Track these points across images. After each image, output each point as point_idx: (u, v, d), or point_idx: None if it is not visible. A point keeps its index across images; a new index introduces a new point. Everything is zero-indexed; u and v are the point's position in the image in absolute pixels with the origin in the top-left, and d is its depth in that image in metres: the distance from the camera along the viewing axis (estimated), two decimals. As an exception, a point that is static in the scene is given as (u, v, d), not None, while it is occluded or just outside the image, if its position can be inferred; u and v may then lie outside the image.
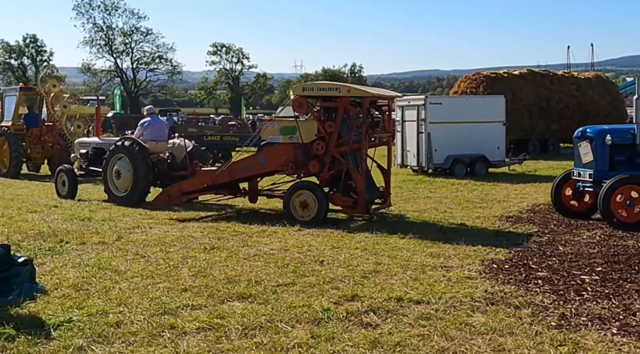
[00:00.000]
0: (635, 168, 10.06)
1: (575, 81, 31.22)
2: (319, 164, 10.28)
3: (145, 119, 13.42)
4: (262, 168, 10.89)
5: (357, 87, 10.72)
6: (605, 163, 10.08)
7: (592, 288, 6.13)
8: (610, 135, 10.07)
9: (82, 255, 7.69)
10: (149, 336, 4.88)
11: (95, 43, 76.28)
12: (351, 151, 10.42)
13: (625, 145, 10.16)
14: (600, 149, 10.09)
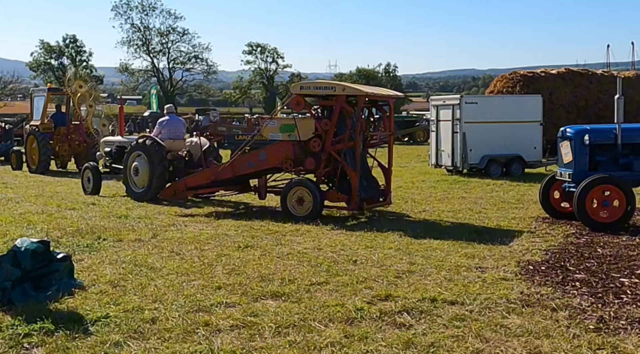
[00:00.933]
0: (617, 168, 9.90)
1: (614, 80, 30.60)
2: (314, 161, 10.50)
3: (164, 118, 13.82)
4: (263, 164, 11.10)
5: (353, 86, 10.91)
6: (585, 163, 9.91)
7: (632, 290, 5.99)
8: (589, 135, 9.91)
9: (119, 252, 7.81)
10: (183, 332, 4.93)
11: (133, 43, 77.36)
12: (352, 149, 10.51)
13: (606, 145, 10.00)
14: (580, 149, 9.93)
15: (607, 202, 9.37)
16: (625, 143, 9.95)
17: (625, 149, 9.96)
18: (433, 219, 10.48)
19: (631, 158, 9.96)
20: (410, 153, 29.23)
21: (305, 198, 10.39)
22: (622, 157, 9.97)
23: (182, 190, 11.81)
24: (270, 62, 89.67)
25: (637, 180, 10.05)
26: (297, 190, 10.50)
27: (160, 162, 12.78)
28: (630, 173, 9.92)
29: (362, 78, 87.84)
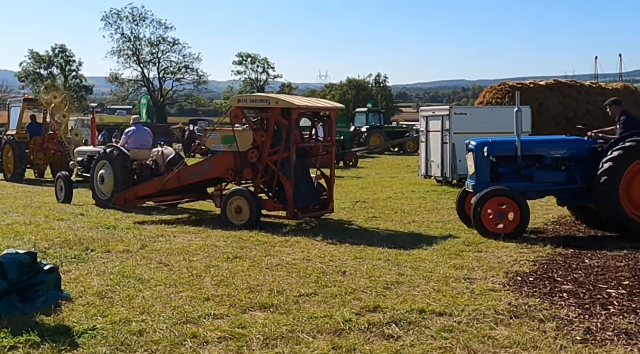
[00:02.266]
0: (519, 180, 10.09)
1: (602, 92, 30.84)
2: (252, 172, 10.96)
3: (130, 128, 14.43)
4: (207, 174, 11.54)
5: (286, 98, 11.38)
6: (486, 175, 10.12)
7: (619, 302, 6.03)
8: (487, 147, 10.12)
9: (107, 263, 7.77)
10: (170, 344, 4.91)
11: (123, 53, 77.31)
12: (297, 159, 10.93)
13: (507, 157, 10.18)
14: (480, 161, 10.17)
15: (502, 214, 9.62)
16: (525, 155, 10.13)
17: (525, 161, 10.15)
18: (422, 229, 10.50)
19: (532, 170, 10.15)
20: (400, 163, 29.32)
21: (243, 207, 10.73)
22: (524, 168, 10.15)
23: (132, 199, 12.29)
24: (260, 72, 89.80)
25: (540, 191, 10.27)
26: (235, 199, 10.83)
27: (124, 171, 13.32)
28: (532, 184, 10.14)
29: (352, 88, 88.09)
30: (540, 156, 10.20)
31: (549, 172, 10.16)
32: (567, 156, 10.12)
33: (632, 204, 9.47)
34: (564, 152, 10.13)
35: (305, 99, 12.67)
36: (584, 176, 9.81)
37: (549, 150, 10.20)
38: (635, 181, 9.45)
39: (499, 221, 9.66)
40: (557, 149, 10.18)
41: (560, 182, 10.10)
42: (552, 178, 10.13)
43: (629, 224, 9.44)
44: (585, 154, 10.01)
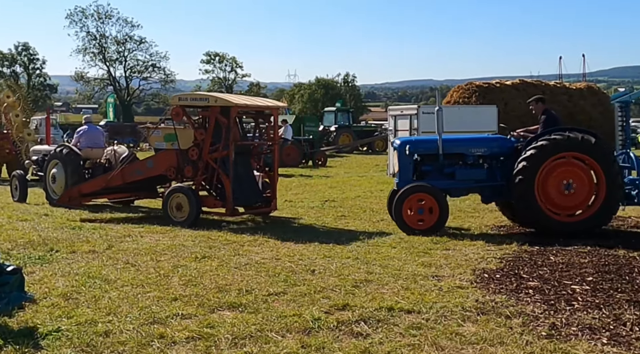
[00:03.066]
0: (442, 178, 10.33)
1: (567, 92, 31.41)
2: (193, 169, 11.13)
3: (82, 127, 14.55)
4: (150, 172, 11.80)
5: (225, 97, 11.52)
6: (409, 173, 10.35)
7: (583, 297, 6.13)
8: (409, 146, 10.35)
9: (72, 264, 7.64)
10: (137, 345, 4.85)
11: (89, 51, 76.15)
12: (238, 157, 11.20)
13: (430, 155, 10.42)
14: (403, 160, 10.39)
15: (422, 210, 9.85)
16: (447, 153, 10.35)
17: (447, 159, 10.38)
18: (391, 228, 10.53)
19: (455, 168, 10.36)
20: (368, 163, 29.45)
21: (183, 204, 10.87)
22: (447, 167, 10.37)
23: (77, 196, 12.52)
24: (228, 72, 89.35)
25: (462, 189, 10.50)
26: (176, 196, 10.98)
27: (75, 170, 13.40)
28: (455, 182, 10.36)
29: (321, 88, 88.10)
30: (462, 154, 10.42)
31: (471, 170, 10.38)
32: (488, 154, 10.37)
33: (548, 201, 9.67)
34: (485, 151, 10.37)
35: (246, 98, 12.91)
36: (505, 173, 9.98)
37: (470, 148, 10.42)
38: (550, 179, 9.65)
39: (419, 217, 9.87)
40: (478, 148, 10.41)
41: (482, 180, 10.33)
42: (473, 176, 10.36)
43: (545, 221, 9.64)
44: (507, 152, 10.22)
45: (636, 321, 5.35)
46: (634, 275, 6.98)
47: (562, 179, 9.65)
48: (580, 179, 9.65)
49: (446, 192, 10.33)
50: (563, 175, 9.66)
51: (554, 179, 9.65)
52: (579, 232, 9.29)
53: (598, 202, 9.60)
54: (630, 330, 5.13)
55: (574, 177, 9.65)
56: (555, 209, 9.69)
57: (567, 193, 9.64)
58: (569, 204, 9.70)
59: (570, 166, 9.69)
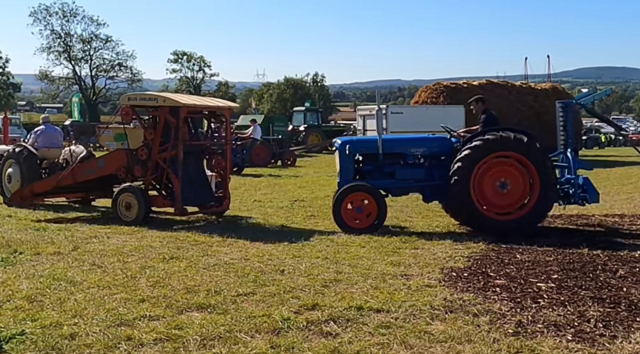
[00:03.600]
0: (383, 177, 10.51)
1: (532, 92, 31.90)
2: (142, 169, 11.20)
3: (39, 127, 14.60)
4: (101, 171, 11.85)
5: (173, 97, 11.54)
6: (349, 173, 10.51)
7: (548, 295, 6.22)
8: (349, 146, 10.52)
9: (37, 266, 7.50)
10: (104, 348, 4.78)
11: (53, 50, 74.84)
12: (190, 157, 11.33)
13: (370, 155, 10.60)
14: (344, 159, 10.56)
15: (361, 209, 10.00)
16: (387, 153, 10.52)
17: (387, 159, 10.54)
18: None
19: (395, 167, 10.53)
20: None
21: (132, 204, 10.95)
22: (387, 166, 10.53)
23: (29, 196, 12.43)
24: (196, 71, 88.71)
25: (403, 188, 10.69)
26: (125, 196, 11.05)
27: (31, 170, 13.48)
28: (395, 181, 10.53)
29: (290, 87, 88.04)
30: (402, 154, 10.58)
31: (411, 169, 10.55)
32: (428, 154, 10.55)
33: (484, 200, 9.86)
34: (425, 151, 10.55)
35: (196, 98, 12.99)
36: (445, 173, 10.09)
37: (410, 148, 10.60)
38: (485, 178, 9.83)
39: (357, 215, 10.00)
40: (418, 148, 10.58)
41: (421, 179, 10.49)
42: (413, 176, 10.52)
43: (481, 220, 9.82)
44: (447, 152, 10.38)
45: (600, 317, 5.45)
46: (598, 272, 7.12)
47: (497, 178, 9.83)
48: (515, 178, 9.84)
49: (387, 191, 10.52)
50: (498, 174, 9.85)
51: (489, 178, 9.84)
52: (514, 231, 9.45)
53: (532, 201, 9.78)
54: (594, 327, 5.23)
55: (509, 176, 9.84)
56: (491, 208, 9.87)
57: (502, 192, 9.83)
58: (505, 203, 9.87)
59: (505, 166, 9.88)
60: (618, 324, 5.28)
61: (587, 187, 10.28)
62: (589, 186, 10.29)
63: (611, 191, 16.99)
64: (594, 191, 10.26)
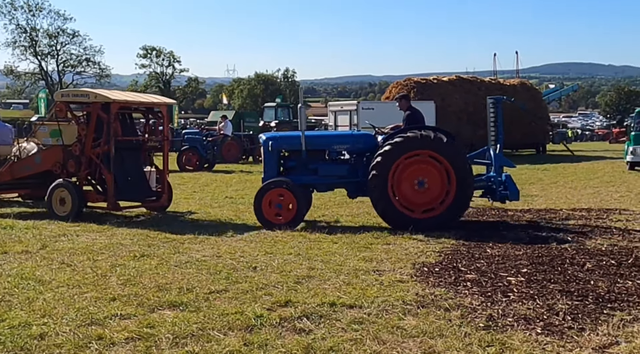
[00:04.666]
0: (306, 173, 10.68)
1: (501, 88, 32.23)
2: (76, 164, 11.36)
3: None
4: (38, 167, 11.98)
5: (104, 93, 11.77)
6: (273, 168, 10.69)
7: (518, 289, 6.31)
8: (272, 142, 10.70)
9: (4, 265, 7.37)
10: (75, 347, 4.72)
11: (18, 45, 73.42)
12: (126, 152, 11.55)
13: (294, 151, 10.78)
14: (268, 155, 10.75)
15: (280, 204, 10.14)
16: (310, 149, 10.67)
17: (311, 155, 10.69)
18: (332, 223, 10.61)
19: (318, 164, 10.70)
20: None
21: (66, 199, 11.09)
22: (310, 163, 10.68)
23: None
24: (166, 66, 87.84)
25: (328, 184, 10.85)
26: (59, 191, 11.16)
27: None
28: (318, 178, 10.70)
29: (260, 83, 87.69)
30: (325, 150, 10.72)
31: (334, 166, 10.70)
32: (351, 150, 10.69)
33: (402, 197, 10.01)
34: (348, 147, 10.70)
35: (130, 94, 13.20)
36: (367, 170, 10.20)
37: (332, 145, 10.75)
38: (404, 176, 9.99)
39: (277, 211, 10.11)
40: (341, 144, 10.75)
41: (344, 176, 10.65)
42: (336, 172, 10.68)
43: (399, 217, 9.94)
44: (371, 149, 10.46)
45: (568, 310, 5.55)
46: (566, 266, 7.23)
47: (415, 176, 9.97)
48: (433, 176, 9.98)
49: (312, 187, 10.70)
50: (416, 172, 9.99)
51: (407, 176, 9.98)
52: (431, 228, 9.56)
53: (450, 199, 9.92)
54: (563, 319, 5.32)
55: (427, 174, 9.98)
56: (410, 206, 10.00)
57: (420, 190, 9.97)
58: (423, 201, 10.00)
59: (424, 164, 10.03)
60: (586, 317, 5.38)
61: (509, 184, 10.48)
62: (510, 183, 10.49)
63: (578, 185, 17.29)
64: (514, 189, 10.44)
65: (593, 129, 66.21)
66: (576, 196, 14.67)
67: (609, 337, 4.89)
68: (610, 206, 12.70)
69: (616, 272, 6.94)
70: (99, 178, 11.46)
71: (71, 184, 11.20)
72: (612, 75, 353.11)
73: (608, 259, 7.53)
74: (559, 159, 28.73)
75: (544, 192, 15.68)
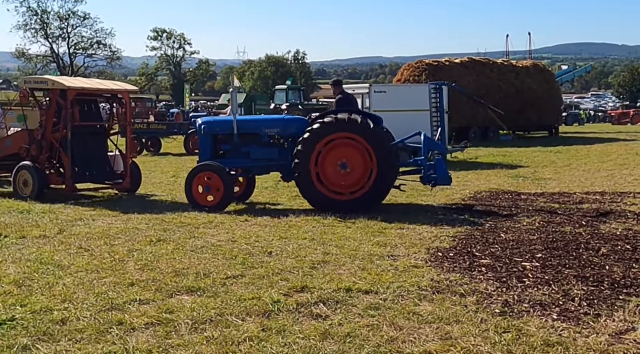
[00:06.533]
0: (239, 156, 10.91)
1: (513, 69, 31.98)
2: (37, 148, 11.86)
3: None
4: (8, 150, 12.52)
5: (61, 80, 12.11)
6: (207, 152, 10.95)
7: (533, 274, 6.32)
8: (205, 126, 10.98)
9: (23, 250, 7.47)
10: (96, 332, 4.79)
11: (30, 27, 73.60)
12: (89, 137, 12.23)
13: (226, 135, 10.99)
14: (202, 140, 11.07)
15: (209, 187, 10.41)
16: (243, 133, 10.87)
17: (243, 139, 10.90)
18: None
19: (250, 147, 10.91)
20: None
21: (29, 181, 11.65)
22: (243, 146, 10.90)
23: None
24: (177, 48, 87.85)
25: (260, 167, 11.05)
26: (22, 174, 11.74)
27: None
28: (251, 161, 10.91)
29: (271, 65, 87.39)
30: (256, 134, 10.93)
31: (265, 149, 10.92)
32: (283, 134, 10.88)
33: (328, 181, 10.16)
34: (279, 131, 10.91)
35: (87, 81, 13.71)
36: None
37: (264, 129, 10.96)
38: (327, 160, 10.13)
39: (207, 194, 10.41)
40: (272, 128, 10.96)
41: (275, 159, 10.85)
42: (267, 155, 10.91)
43: (323, 199, 10.11)
44: (302, 133, 10.51)
45: (584, 296, 5.56)
46: (581, 251, 7.23)
47: (337, 159, 10.12)
48: (355, 157, 10.12)
49: (247, 170, 10.99)
50: (338, 155, 10.13)
51: (330, 160, 10.13)
52: (356, 210, 9.72)
53: (372, 181, 10.05)
54: (579, 305, 5.33)
55: (348, 156, 10.13)
56: (334, 188, 10.15)
57: (344, 172, 10.11)
58: (348, 183, 10.15)
59: (344, 147, 10.16)
60: (602, 303, 5.39)
61: (439, 168, 10.48)
62: (440, 167, 10.49)
63: (591, 168, 17.19)
64: (443, 173, 10.44)
65: (606, 110, 65.57)
66: (590, 179, 14.60)
67: (625, 323, 4.90)
68: (625, 189, 12.63)
69: (631, 257, 6.94)
70: (59, 161, 11.98)
71: (32, 167, 11.70)
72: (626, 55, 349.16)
73: (623, 244, 7.53)
74: (571, 141, 28.55)
75: (557, 175, 15.62)
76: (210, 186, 10.40)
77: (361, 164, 10.10)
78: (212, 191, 10.39)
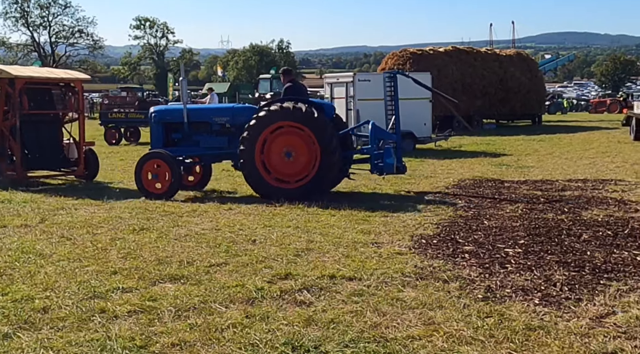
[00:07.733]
0: (189, 145, 11.07)
1: (497, 58, 32.09)
2: None
3: None
4: None
5: (8, 69, 12.46)
6: (158, 140, 11.10)
7: (516, 260, 6.37)
8: (156, 114, 11.15)
9: (4, 239, 7.40)
10: (78, 321, 4.76)
11: (10, 16, 72.65)
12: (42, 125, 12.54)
13: (177, 124, 11.11)
14: (154, 128, 11.20)
15: (157, 174, 10.57)
16: (193, 122, 10.99)
17: (194, 128, 11.03)
18: (330, 196, 10.63)
19: (201, 136, 11.04)
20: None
21: None
22: (194, 135, 11.03)
23: None
24: (160, 38, 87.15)
25: (211, 155, 11.17)
26: None
27: None
28: (202, 149, 11.05)
29: (255, 54, 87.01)
30: (206, 123, 11.03)
31: (215, 138, 11.03)
32: (233, 123, 10.92)
33: (273, 169, 10.24)
34: (229, 120, 10.96)
35: (36, 70, 13.89)
36: None
37: (214, 117, 11.06)
38: (272, 148, 10.22)
39: (155, 181, 10.55)
40: (222, 117, 11.04)
41: (224, 147, 10.93)
42: (217, 144, 11.01)
43: (268, 188, 10.19)
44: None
45: (565, 281, 5.62)
46: (563, 237, 7.29)
47: (282, 147, 10.21)
48: (299, 146, 10.20)
49: (199, 158, 11.12)
50: (283, 144, 10.21)
51: (275, 148, 10.21)
52: (303, 197, 9.77)
53: (315, 169, 10.13)
54: (560, 290, 5.38)
55: (293, 145, 10.21)
56: (284, 177, 10.23)
57: (289, 161, 10.21)
58: (294, 171, 10.23)
59: (289, 135, 10.24)
60: (583, 288, 5.45)
61: (386, 157, 10.56)
62: (387, 156, 10.57)
63: (574, 156, 17.33)
64: (389, 162, 10.53)
65: (588, 99, 66.09)
66: (572, 166, 14.72)
67: (605, 307, 4.96)
68: (606, 176, 12.76)
69: (612, 243, 7.01)
70: (10, 149, 12.07)
71: None
72: (608, 44, 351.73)
73: (604, 230, 7.60)
74: (554, 130, 28.75)
75: (540, 163, 15.73)
76: (158, 174, 10.51)
77: (305, 153, 10.14)
78: (160, 178, 10.49)
